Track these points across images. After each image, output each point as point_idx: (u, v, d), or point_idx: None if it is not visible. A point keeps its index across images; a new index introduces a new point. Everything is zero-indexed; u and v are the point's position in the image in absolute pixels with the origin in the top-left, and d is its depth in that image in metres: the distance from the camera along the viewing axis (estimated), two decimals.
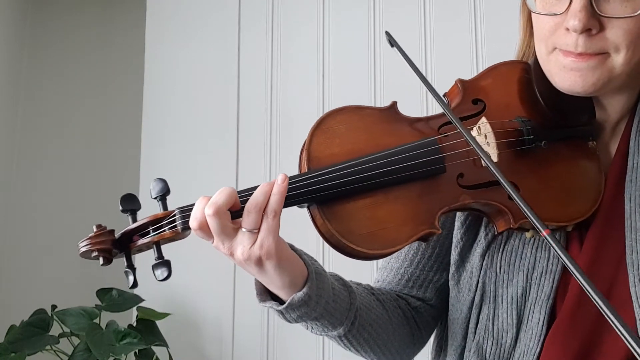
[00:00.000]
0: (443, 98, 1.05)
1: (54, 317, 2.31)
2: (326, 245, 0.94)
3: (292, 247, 0.96)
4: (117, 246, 0.94)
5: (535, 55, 1.04)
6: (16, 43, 3.08)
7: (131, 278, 0.93)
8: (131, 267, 0.94)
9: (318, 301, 0.94)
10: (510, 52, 1.14)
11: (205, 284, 2.51)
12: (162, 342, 2.33)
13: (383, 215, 0.93)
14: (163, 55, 2.73)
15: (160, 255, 0.92)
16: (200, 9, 2.73)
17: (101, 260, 0.92)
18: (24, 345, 2.24)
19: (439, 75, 2.40)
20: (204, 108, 2.65)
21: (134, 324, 2.34)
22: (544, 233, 0.77)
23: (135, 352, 2.26)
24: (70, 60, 3.17)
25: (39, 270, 2.95)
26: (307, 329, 1.00)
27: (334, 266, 1.34)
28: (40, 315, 2.34)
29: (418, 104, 2.35)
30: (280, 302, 0.94)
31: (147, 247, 0.93)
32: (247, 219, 0.87)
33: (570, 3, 0.92)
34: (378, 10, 2.55)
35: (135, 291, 2.50)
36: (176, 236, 0.91)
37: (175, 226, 0.90)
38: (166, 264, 0.91)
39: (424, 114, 1.04)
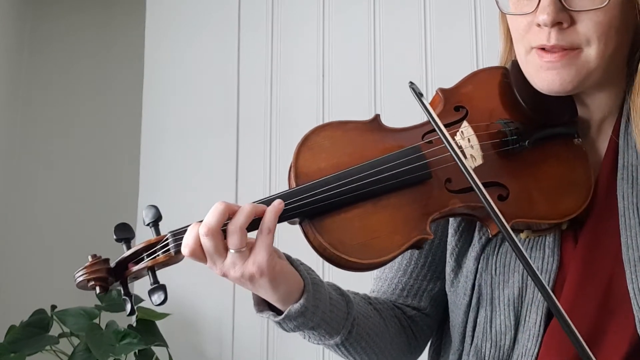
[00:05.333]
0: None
1: (54, 317, 2.30)
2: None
3: (288, 257, 0.97)
4: (112, 274, 0.95)
5: (513, 59, 1.07)
6: (16, 43, 3.08)
7: (129, 306, 0.93)
8: (128, 294, 0.94)
9: (315, 312, 0.95)
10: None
11: (205, 284, 2.51)
12: (162, 342, 2.32)
13: (374, 225, 0.93)
14: (163, 55, 2.73)
15: (155, 280, 0.92)
16: (200, 9, 2.72)
17: (98, 289, 0.94)
18: (24, 346, 2.24)
19: (439, 75, 2.40)
20: (204, 108, 2.65)
21: (134, 324, 2.34)
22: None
23: (135, 352, 2.26)
24: (70, 60, 3.16)
25: (39, 270, 2.95)
26: (304, 338, 1.01)
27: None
28: (40, 315, 2.34)
29: (417, 105, 2.34)
30: (278, 312, 0.95)
31: (142, 273, 0.94)
32: (231, 240, 0.87)
33: (540, 0, 0.94)
34: (378, 10, 2.55)
35: (135, 291, 2.50)
36: (170, 260, 0.92)
37: (168, 250, 0.91)
38: (162, 288, 0.91)
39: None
